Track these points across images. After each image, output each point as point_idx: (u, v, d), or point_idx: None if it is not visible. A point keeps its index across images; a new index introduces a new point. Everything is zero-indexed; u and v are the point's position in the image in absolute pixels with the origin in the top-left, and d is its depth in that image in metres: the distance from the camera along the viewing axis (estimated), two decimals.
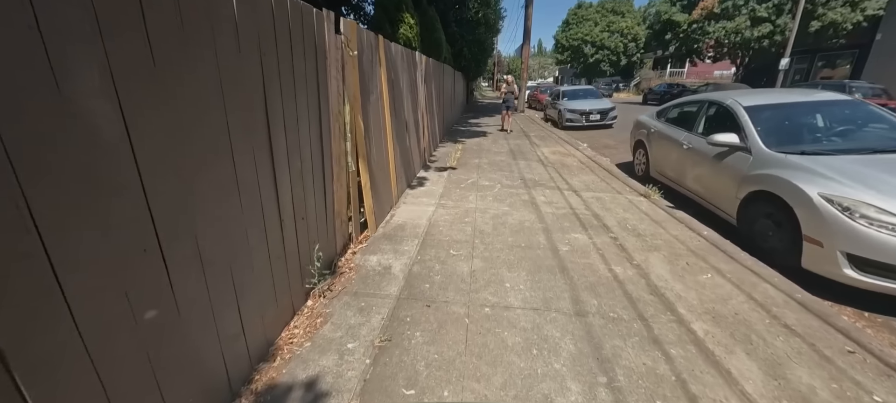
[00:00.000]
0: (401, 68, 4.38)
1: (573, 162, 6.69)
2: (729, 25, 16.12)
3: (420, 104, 5.68)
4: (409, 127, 4.94)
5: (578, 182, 5.34)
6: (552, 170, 6.08)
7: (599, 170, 6.05)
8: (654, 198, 4.68)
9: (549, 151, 7.64)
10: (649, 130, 5.45)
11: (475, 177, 5.55)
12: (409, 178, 5.02)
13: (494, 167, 6.20)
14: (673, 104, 5.28)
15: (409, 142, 4.98)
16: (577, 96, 12.62)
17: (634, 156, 6.05)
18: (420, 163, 5.85)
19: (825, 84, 11.77)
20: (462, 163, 6.51)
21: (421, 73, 5.58)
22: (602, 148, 8.62)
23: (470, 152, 7.49)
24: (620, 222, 3.84)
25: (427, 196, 4.56)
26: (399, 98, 4.35)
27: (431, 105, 6.93)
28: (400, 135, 4.39)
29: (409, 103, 4.86)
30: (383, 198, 3.69)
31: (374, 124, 3.41)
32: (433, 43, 7.49)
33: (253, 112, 1.68)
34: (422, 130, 5.90)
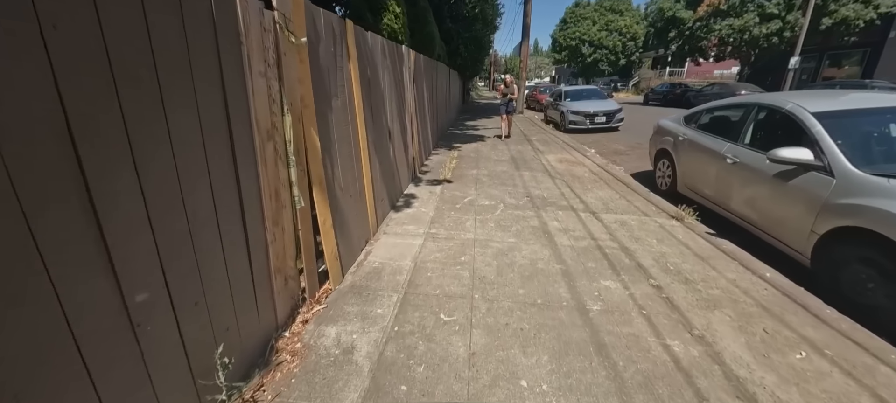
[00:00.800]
0: (381, 64, 3.54)
1: (583, 172, 5.88)
2: (736, 22, 15.45)
3: (408, 107, 4.84)
4: (394, 135, 4.10)
5: (594, 199, 4.52)
6: (561, 182, 5.26)
7: (616, 184, 5.25)
8: (688, 221, 3.88)
9: (555, 159, 6.82)
10: (676, 138, 4.65)
11: (473, 192, 4.71)
12: (394, 197, 4.18)
13: (495, 180, 5.37)
14: (706, 108, 4.48)
15: (394, 153, 4.14)
16: (581, 97, 11.83)
17: (656, 166, 5.25)
18: (408, 175, 5.00)
19: (844, 83, 11.06)
20: (458, 174, 5.68)
21: (408, 71, 4.73)
22: (612, 154, 7.83)
23: (467, 160, 6.65)
24: (658, 259, 3.03)
25: (414, 222, 3.72)
26: (379, 101, 3.51)
27: (423, 107, 6.09)
28: (380, 148, 3.55)
29: (393, 106, 4.02)
30: (354, 234, 2.85)
31: (341, 138, 2.57)
32: (425, 37, 6.66)
33: (45, 141, 0.84)
34: (410, 137, 5.06)
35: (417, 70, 5.43)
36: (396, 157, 4.24)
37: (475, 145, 8.27)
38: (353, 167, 2.84)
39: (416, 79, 5.33)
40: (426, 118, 6.48)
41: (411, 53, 4.93)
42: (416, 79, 5.40)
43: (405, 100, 4.63)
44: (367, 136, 3.14)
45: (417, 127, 5.52)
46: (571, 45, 36.60)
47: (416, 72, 5.37)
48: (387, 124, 3.80)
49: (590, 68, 36.36)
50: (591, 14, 35.90)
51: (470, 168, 6.08)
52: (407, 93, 4.69)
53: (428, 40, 6.75)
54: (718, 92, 16.43)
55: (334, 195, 2.44)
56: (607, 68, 35.87)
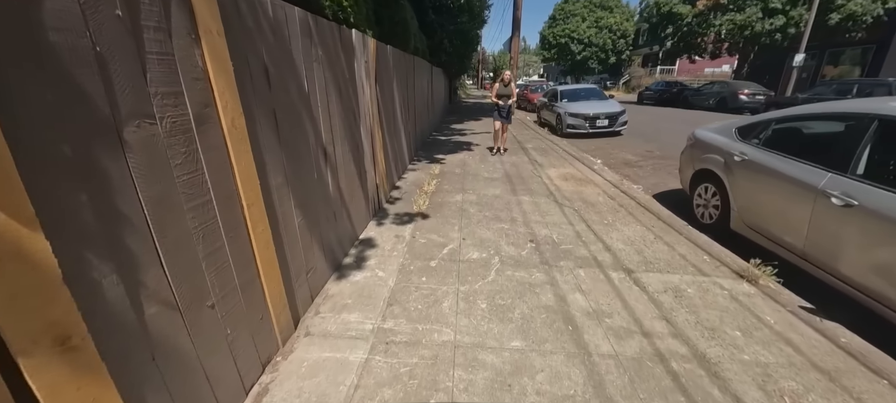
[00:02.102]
0: (303, 54, 2.21)
1: (596, 194, 4.65)
2: (738, 17, 14.56)
3: (366, 117, 3.51)
4: (337, 161, 2.77)
5: (623, 242, 3.28)
6: (572, 213, 4.01)
7: (642, 213, 4.03)
8: (764, 283, 2.68)
9: (558, 175, 5.58)
10: (728, 157, 3.45)
11: (456, 235, 3.41)
12: (339, 251, 2.86)
13: (486, 210, 4.08)
14: (777, 117, 3.27)
15: (339, 186, 2.81)
16: (579, 97, 10.66)
17: (693, 191, 4.04)
18: (368, 210, 3.68)
19: (862, 82, 10.19)
20: (438, 201, 4.37)
21: (366, 67, 3.40)
22: (622, 166, 6.64)
23: (451, 179, 5.35)
24: (761, 380, 1.79)
25: (362, 303, 2.39)
26: (299, 113, 2.17)
27: (392, 114, 4.76)
28: (302, 186, 2.22)
29: (333, 119, 2.69)
30: (222, 375, 1.52)
31: (170, 196, 1.24)
32: (396, 27, 5.32)
33: None
34: (370, 158, 3.73)
35: (382, 67, 4.10)
36: (344, 191, 2.91)
37: (461, 156, 6.97)
38: (225, 243, 1.51)
39: (380, 79, 4.00)
40: (398, 127, 5.16)
41: (371, 44, 3.59)
42: (381, 77, 4.06)
43: (360, 107, 3.30)
44: (268, 177, 1.81)
45: (383, 141, 4.19)
46: (560, 43, 35.67)
47: (381, 70, 4.04)
48: (318, 147, 2.46)
49: (579, 66, 35.51)
50: (581, 11, 35.01)
51: (454, 190, 4.77)
52: (362, 97, 3.36)
53: (401, 30, 5.43)
54: (718, 91, 15.57)
55: (160, 316, 1.12)
56: (597, 66, 35.08)
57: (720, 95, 15.21)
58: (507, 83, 6.64)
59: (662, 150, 7.71)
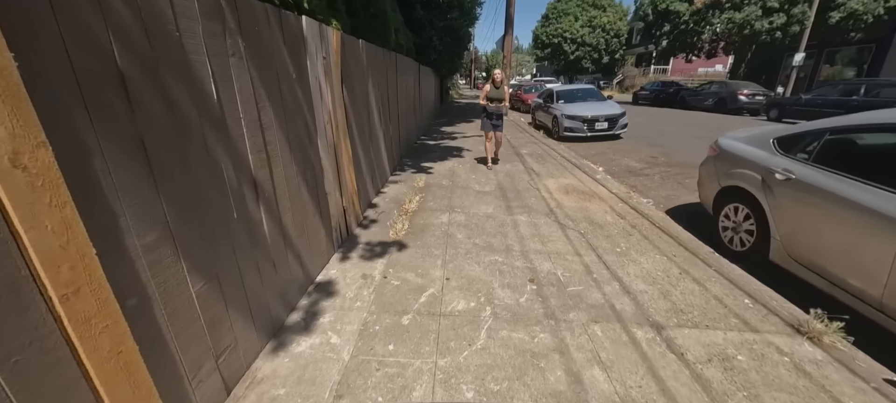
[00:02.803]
0: (206, 45, 1.55)
1: (604, 212, 4.03)
2: (737, 15, 14.14)
3: (328, 127, 2.84)
4: (276, 187, 2.11)
5: (644, 281, 2.66)
6: (578, 238, 3.39)
7: (659, 238, 3.42)
8: (830, 341, 2.08)
9: (558, 187, 4.96)
10: (767, 174, 2.86)
11: (438, 273, 2.76)
12: (282, 310, 2.19)
13: (476, 235, 3.43)
14: (831, 127, 2.65)
15: (284, 222, 2.15)
16: (576, 98, 10.09)
17: (718, 212, 3.44)
18: (333, 239, 3.01)
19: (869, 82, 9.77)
20: (419, 223, 3.71)
21: (321, 65, 2.73)
22: (626, 174, 6.06)
23: (437, 193, 4.69)
24: None
25: (297, 397, 1.72)
26: (190, 133, 1.51)
27: (367, 121, 4.09)
28: (209, 242, 1.57)
29: (267, 136, 2.03)
30: None
31: None
32: (372, 18, 4.64)
33: None
34: (333, 178, 3.06)
35: (352, 65, 3.43)
36: (289, 228, 2.24)
37: (451, 164, 6.31)
38: None
39: (349, 79, 3.33)
40: (376, 135, 4.48)
41: (334, 37, 2.92)
42: (351, 78, 3.39)
43: (316, 116, 2.63)
44: (121, 238, 1.14)
45: (353, 154, 3.51)
46: (553, 43, 35.24)
47: (350, 69, 3.37)
48: (241, 177, 1.80)
49: (572, 66, 35.12)
50: (574, 10, 34.60)
51: (439, 208, 4.12)
52: (320, 103, 2.69)
53: (378, 23, 4.75)
54: (716, 91, 15.16)
55: None
56: (590, 66, 34.71)
57: (718, 96, 14.79)
58: (499, 84, 5.53)
59: (668, 156, 7.15)
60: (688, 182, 5.50)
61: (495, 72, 5.56)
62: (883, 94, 9.37)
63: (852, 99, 9.65)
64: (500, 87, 5.58)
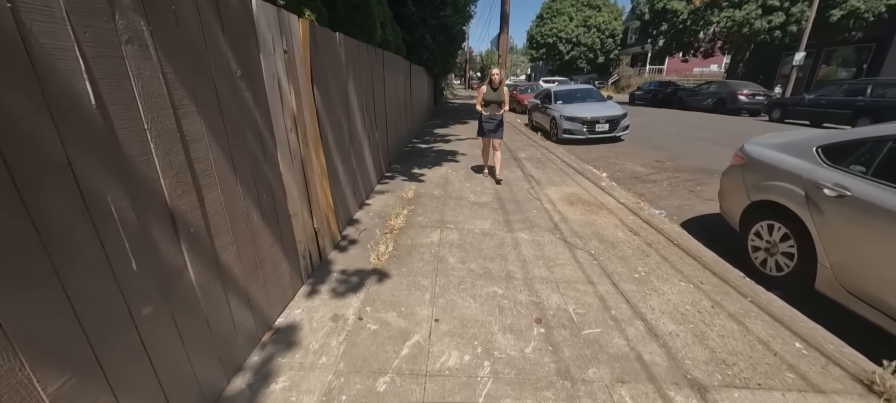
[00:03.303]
0: (81, 33, 1.07)
1: (614, 227, 3.59)
2: (737, 14, 13.85)
3: (285, 135, 2.36)
4: (209, 220, 1.63)
5: (672, 320, 2.21)
6: (589, 261, 2.93)
7: (680, 259, 2.98)
8: None
9: (561, 196, 4.52)
10: (812, 189, 2.43)
11: (426, 312, 2.28)
12: (223, 374, 1.72)
13: (472, 260, 2.96)
14: (892, 135, 2.24)
15: (224, 263, 1.68)
16: (574, 98, 9.67)
17: (747, 229, 3.01)
18: (301, 269, 2.53)
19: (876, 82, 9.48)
20: (406, 242, 3.24)
21: (281, 61, 2.24)
22: (632, 180, 5.64)
23: (426, 206, 4.22)
24: None
25: None
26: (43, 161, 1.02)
27: (347, 125, 3.61)
28: (97, 307, 1.06)
29: (194, 154, 1.57)
30: None
31: None
32: (354, 10, 4.15)
33: None
34: (307, 191, 2.58)
35: (325, 61, 2.95)
36: (234, 269, 1.76)
37: (444, 171, 5.84)
38: None
39: (321, 78, 2.85)
40: (359, 141, 4.00)
41: (299, 27, 2.44)
42: (323, 76, 2.91)
43: (274, 123, 2.14)
44: None
45: (325, 167, 3.03)
46: (549, 42, 34.96)
47: (322, 65, 2.89)
48: (157, 211, 1.31)
49: (568, 66, 34.87)
50: (568, 9, 34.36)
51: (429, 224, 3.64)
52: (278, 108, 2.20)
53: (362, 16, 4.27)
54: (716, 91, 14.86)
55: None
56: (586, 66, 34.50)
57: (718, 96, 14.50)
58: (497, 86, 4.86)
59: (674, 161, 6.75)
60: (700, 190, 5.09)
61: (493, 71, 4.88)
62: (889, 95, 9.09)
63: (858, 99, 9.36)
64: (499, 89, 4.90)
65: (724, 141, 8.50)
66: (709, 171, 5.93)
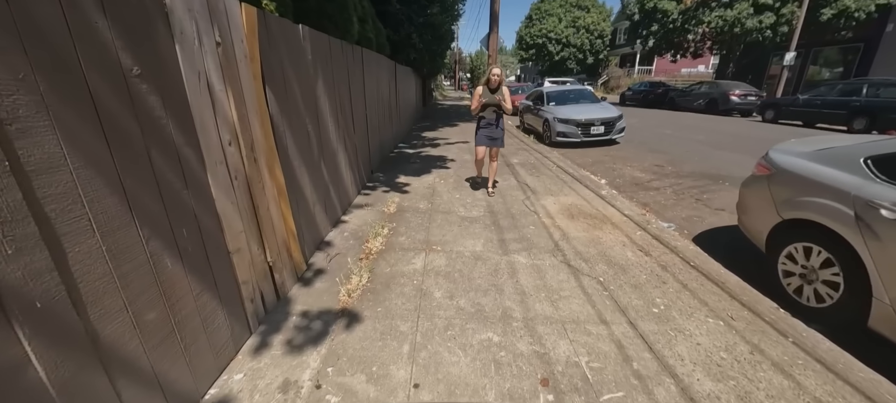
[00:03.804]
0: None
1: (622, 245, 3.17)
2: (729, 14, 13.74)
3: (226, 151, 1.87)
4: (99, 284, 1.15)
5: (709, 375, 1.78)
6: (598, 291, 2.50)
7: (702, 285, 2.56)
8: None
9: (560, 208, 4.09)
10: (862, 208, 2.04)
11: (403, 373, 1.80)
12: None
13: (461, 294, 2.49)
14: None
15: (140, 322, 1.18)
16: (568, 100, 9.32)
17: (775, 252, 2.62)
18: (247, 317, 2.03)
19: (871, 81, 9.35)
20: (383, 272, 2.76)
21: (212, 56, 1.76)
22: (633, 187, 5.26)
23: (410, 223, 3.75)
24: None
25: None
26: None
27: (318, 134, 3.12)
28: None
29: (84, 177, 1.07)
30: None
31: None
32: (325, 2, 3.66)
33: None
34: (257, 219, 2.09)
35: (287, 58, 2.47)
36: (129, 335, 1.26)
37: (431, 179, 5.38)
38: None
39: (278, 79, 2.36)
40: (333, 151, 3.50)
41: (241, 13, 1.95)
42: (282, 78, 2.43)
43: (208, 135, 1.66)
44: None
45: (284, 185, 2.54)
46: (538, 43, 34.83)
47: (281, 63, 2.41)
48: None
49: (557, 67, 34.77)
50: (557, 10, 34.30)
51: (412, 247, 3.17)
52: (210, 116, 1.71)
53: (335, 8, 3.78)
54: (707, 91, 14.74)
55: None
56: (575, 66, 34.44)
57: (709, 96, 14.37)
58: (496, 86, 4.21)
59: (675, 165, 6.40)
60: (707, 198, 4.73)
61: (493, 71, 4.23)
62: (884, 94, 8.96)
63: (853, 99, 9.22)
64: (499, 89, 4.22)
65: (722, 143, 8.23)
66: (713, 177, 5.59)
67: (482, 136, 4.38)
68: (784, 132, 9.67)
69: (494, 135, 4.35)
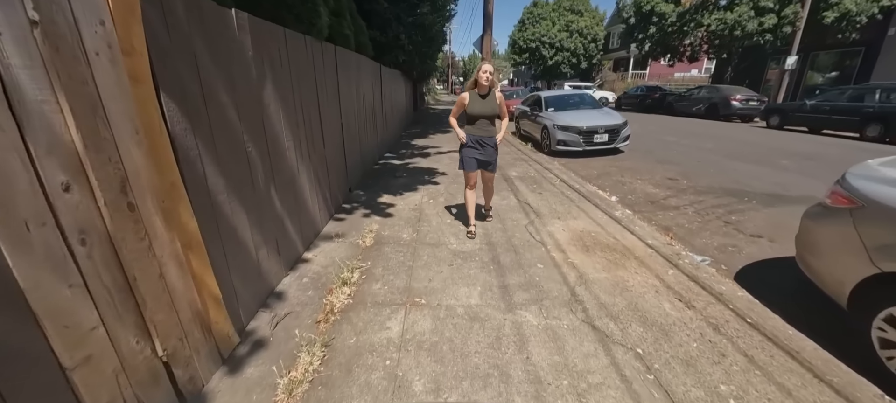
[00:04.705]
0: None
1: (654, 293, 2.49)
2: (729, 16, 13.34)
3: (46, 205, 1.15)
4: None
5: None
6: (636, 367, 1.82)
7: (771, 359, 1.89)
8: None
9: (570, 236, 3.42)
10: None
11: None
12: None
13: (450, 381, 1.78)
14: None
15: None
16: (568, 105, 8.71)
17: (869, 314, 1.96)
18: None
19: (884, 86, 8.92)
20: (344, 345, 2.04)
21: (15, 39, 1.03)
22: (649, 206, 4.62)
23: (390, 261, 3.03)
24: None
25: None
26: None
27: (270, 155, 2.41)
28: None
29: None
30: None
31: None
32: None
33: None
34: (149, 293, 1.35)
35: (209, 53, 1.75)
36: None
37: (419, 198, 4.67)
38: None
39: (188, 84, 1.65)
40: (291, 174, 2.78)
41: None
42: (192, 82, 1.71)
43: (20, 181, 0.93)
44: None
45: (196, 234, 1.81)
46: (531, 47, 34.48)
47: (198, 61, 1.69)
48: None
49: (551, 71, 34.45)
50: (550, 14, 34.05)
51: (388, 301, 2.45)
52: (18, 149, 0.98)
53: None
54: (707, 96, 14.31)
55: None
56: (569, 71, 34.15)
57: (710, 101, 13.94)
58: (487, 92, 3.13)
59: (689, 178, 5.79)
60: (735, 220, 4.10)
61: (483, 68, 3.06)
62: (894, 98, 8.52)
63: (866, 105, 8.76)
64: (490, 96, 3.15)
65: (734, 152, 7.68)
66: (735, 193, 4.98)
67: (470, 158, 3.25)
68: (796, 139, 9.19)
69: (486, 156, 3.25)
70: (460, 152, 3.32)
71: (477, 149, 3.25)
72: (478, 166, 3.32)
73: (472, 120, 3.22)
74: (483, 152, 3.25)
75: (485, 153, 3.26)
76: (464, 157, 3.29)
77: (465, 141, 3.25)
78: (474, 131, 3.23)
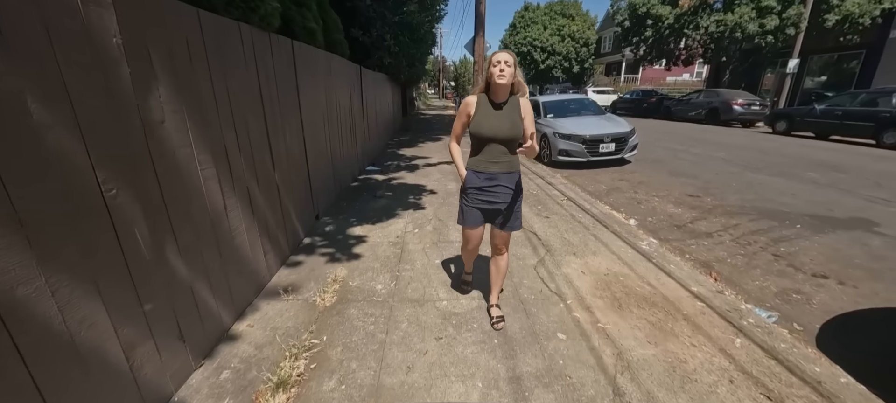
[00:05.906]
0: None
1: (729, 382, 1.71)
2: (729, 18, 12.90)
3: None
4: None
5: None
6: None
7: None
8: None
9: (594, 283, 2.63)
10: None
11: None
12: None
13: None
14: None
15: None
16: (569, 111, 8.00)
17: None
18: None
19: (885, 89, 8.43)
20: None
21: None
22: (674, 230, 3.88)
23: (354, 334, 2.22)
24: None
25: None
26: None
27: (156, 204, 1.57)
28: None
29: None
30: None
31: None
32: None
33: None
34: None
35: None
36: None
37: (400, 227, 3.85)
38: None
39: None
40: (216, 216, 1.95)
41: None
42: None
43: None
44: None
45: None
46: (523, 51, 34.09)
47: None
48: None
49: (543, 75, 34.08)
50: (542, 18, 33.74)
51: None
52: None
53: None
54: (707, 100, 13.84)
55: None
56: (562, 75, 33.83)
57: (710, 105, 13.46)
58: (505, 98, 1.85)
59: (714, 195, 5.09)
60: (785, 251, 3.39)
61: (497, 58, 1.80)
62: None
63: (882, 110, 8.26)
64: (509, 104, 1.86)
65: (751, 162, 7.05)
66: (772, 215, 4.29)
67: (471, 208, 2.01)
68: (811, 147, 8.64)
69: (500, 199, 1.97)
70: (460, 198, 2.10)
71: (485, 192, 1.96)
72: (484, 220, 2.06)
73: (479, 145, 1.93)
74: (494, 196, 1.95)
75: (497, 197, 1.95)
76: (463, 205, 2.05)
77: (466, 181, 2.00)
78: (482, 163, 1.93)
